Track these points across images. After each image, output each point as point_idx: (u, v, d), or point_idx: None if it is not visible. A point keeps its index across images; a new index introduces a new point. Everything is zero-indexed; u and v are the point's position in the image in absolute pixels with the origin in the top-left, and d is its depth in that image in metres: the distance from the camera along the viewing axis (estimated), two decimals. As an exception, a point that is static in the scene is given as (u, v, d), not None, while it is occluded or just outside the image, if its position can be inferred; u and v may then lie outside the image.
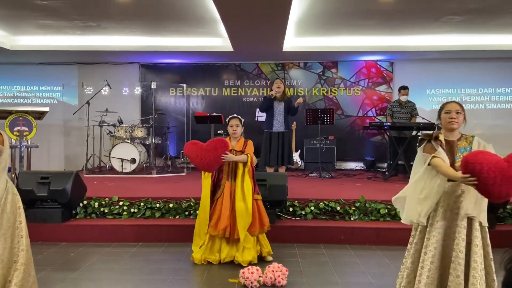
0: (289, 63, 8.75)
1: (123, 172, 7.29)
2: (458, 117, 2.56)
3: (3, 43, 7.18)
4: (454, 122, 2.55)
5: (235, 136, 3.94)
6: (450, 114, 2.56)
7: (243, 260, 3.67)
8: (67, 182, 4.62)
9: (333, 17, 6.12)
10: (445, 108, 2.60)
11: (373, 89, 8.69)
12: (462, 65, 8.39)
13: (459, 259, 2.42)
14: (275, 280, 3.25)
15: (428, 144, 2.58)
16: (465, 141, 2.58)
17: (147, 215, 4.79)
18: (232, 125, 3.93)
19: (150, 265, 3.78)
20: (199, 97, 8.90)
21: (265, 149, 6.38)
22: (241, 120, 3.99)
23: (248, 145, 3.95)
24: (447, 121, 2.57)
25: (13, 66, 8.72)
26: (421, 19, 6.21)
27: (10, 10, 5.84)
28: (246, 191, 3.77)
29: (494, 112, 8.47)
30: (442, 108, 2.63)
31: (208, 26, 6.57)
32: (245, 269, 3.33)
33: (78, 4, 5.55)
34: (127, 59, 8.53)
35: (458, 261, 2.42)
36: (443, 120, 2.60)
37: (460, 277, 2.40)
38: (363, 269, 3.71)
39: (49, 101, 8.85)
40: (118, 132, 7.64)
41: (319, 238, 4.46)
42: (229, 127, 3.96)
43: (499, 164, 2.26)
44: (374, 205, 4.74)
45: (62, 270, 3.66)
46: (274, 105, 6.24)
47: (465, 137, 2.60)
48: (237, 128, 3.92)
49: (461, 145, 2.57)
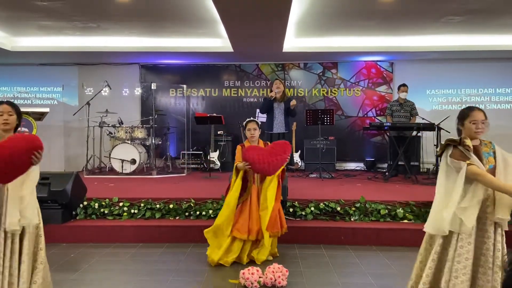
0: (289, 64, 8.76)
1: (123, 173, 7.29)
2: (484, 127, 2.53)
3: (3, 44, 7.18)
4: (480, 133, 2.53)
5: (253, 139, 3.96)
6: (477, 125, 2.51)
7: (258, 258, 3.75)
8: (67, 183, 4.62)
9: (333, 17, 6.12)
10: (471, 117, 2.53)
11: (373, 90, 8.69)
12: (462, 65, 8.39)
13: (489, 263, 2.42)
14: (275, 281, 3.25)
15: (456, 150, 2.49)
16: (486, 147, 2.56)
17: (147, 216, 4.79)
18: (250, 129, 3.95)
19: (150, 266, 3.78)
20: (199, 98, 8.90)
21: None
22: (258, 123, 4.01)
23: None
24: (473, 130, 2.52)
25: (14, 67, 8.73)
26: (421, 19, 6.21)
27: (10, 11, 5.85)
28: (270, 194, 3.75)
29: (495, 113, 8.46)
30: (467, 116, 2.55)
31: (208, 27, 6.58)
32: (245, 270, 3.33)
33: (78, 5, 5.56)
34: (127, 60, 8.54)
35: (489, 265, 2.42)
36: (468, 129, 2.54)
37: (490, 282, 2.40)
38: (364, 269, 3.71)
39: (49, 102, 8.86)
40: (118, 133, 7.64)
41: (320, 239, 4.46)
42: (246, 130, 3.98)
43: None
44: (374, 205, 4.74)
45: (62, 271, 3.66)
46: (274, 106, 6.24)
47: (484, 142, 2.58)
48: (255, 132, 3.94)
49: (484, 150, 2.55)
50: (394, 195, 5.13)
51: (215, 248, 3.79)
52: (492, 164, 2.50)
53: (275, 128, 6.22)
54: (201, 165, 8.19)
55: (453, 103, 8.58)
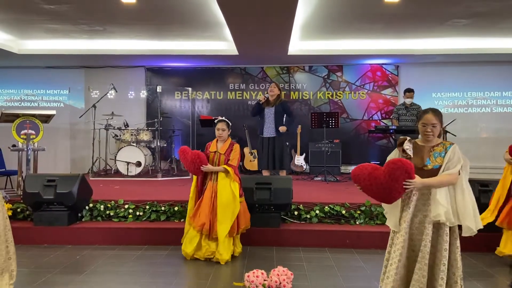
0: (294, 67, 8.76)
1: (128, 175, 7.31)
2: (434, 130, 2.60)
3: (10, 47, 7.25)
4: (429, 135, 2.61)
5: (221, 139, 4.22)
6: (426, 128, 2.61)
7: (222, 259, 3.90)
8: (73, 185, 4.66)
9: (338, 20, 6.12)
10: (422, 120, 2.64)
11: (378, 93, 8.68)
12: (468, 68, 8.35)
13: (425, 259, 2.48)
14: (280, 284, 3.24)
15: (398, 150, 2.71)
16: (442, 147, 2.61)
17: (153, 218, 4.80)
18: (218, 129, 4.21)
19: (155, 268, 3.79)
20: (204, 101, 8.92)
21: (259, 154, 6.37)
22: (228, 124, 4.24)
23: (233, 150, 4.19)
24: (423, 133, 2.64)
25: (20, 70, 8.80)
26: (426, 22, 6.20)
27: (17, 14, 5.90)
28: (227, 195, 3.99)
29: (500, 116, 8.42)
30: (419, 118, 2.67)
31: (213, 30, 6.60)
32: (250, 273, 3.33)
33: (85, 8, 5.59)
34: (133, 63, 8.58)
35: (425, 261, 2.49)
36: (420, 130, 2.66)
37: (425, 278, 2.48)
38: (369, 273, 3.70)
39: (55, 104, 8.91)
40: (124, 135, 7.67)
41: (324, 242, 4.45)
42: (215, 129, 4.23)
43: (373, 174, 2.49)
44: (379, 209, 4.72)
45: (68, 272, 3.68)
46: (265, 110, 6.17)
47: (443, 143, 2.63)
48: (223, 132, 4.20)
49: (437, 150, 2.60)
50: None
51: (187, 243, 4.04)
52: (439, 164, 2.55)
53: (265, 132, 6.16)
54: (206, 168, 8.18)
55: (459, 106, 8.54)
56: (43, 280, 3.47)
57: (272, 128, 6.14)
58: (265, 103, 6.18)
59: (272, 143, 6.13)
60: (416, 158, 2.62)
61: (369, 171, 2.51)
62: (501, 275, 3.73)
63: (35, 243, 4.50)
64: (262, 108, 6.17)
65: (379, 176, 2.46)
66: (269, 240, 4.47)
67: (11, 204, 4.82)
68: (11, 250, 2.85)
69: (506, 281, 3.57)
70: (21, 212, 4.86)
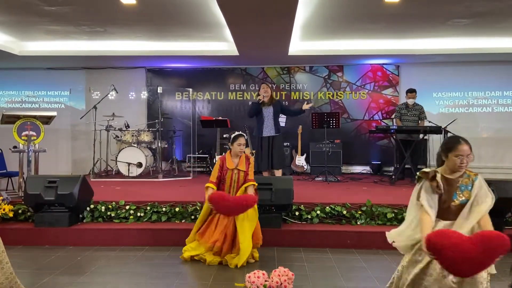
0: (294, 67, 8.76)
1: (129, 176, 7.32)
2: (468, 161, 2.45)
3: (11, 48, 7.26)
4: (464, 167, 2.46)
5: (241, 154, 4.07)
6: (462, 159, 2.43)
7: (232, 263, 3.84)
8: (74, 186, 4.66)
9: (338, 20, 6.12)
10: (457, 151, 2.44)
11: (379, 93, 8.67)
12: (469, 68, 8.34)
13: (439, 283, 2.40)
14: (281, 285, 3.24)
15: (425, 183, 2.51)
16: (467, 179, 2.48)
17: (154, 219, 4.80)
18: (240, 144, 4.02)
19: (156, 269, 3.79)
20: (205, 101, 8.93)
21: (256, 154, 6.36)
22: (246, 137, 4.11)
23: (250, 164, 4.10)
24: (457, 165, 2.45)
25: (21, 71, 8.80)
26: (427, 22, 6.19)
27: (18, 16, 5.91)
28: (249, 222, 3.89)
29: (501, 116, 8.40)
30: (452, 149, 2.46)
31: (213, 31, 6.61)
32: (251, 274, 3.32)
33: (85, 9, 5.60)
34: (133, 64, 8.59)
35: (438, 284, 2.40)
36: (451, 162, 2.46)
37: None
38: (370, 273, 3.69)
39: (56, 105, 8.93)
40: (125, 136, 7.68)
41: (325, 242, 4.45)
42: (236, 145, 4.03)
43: (460, 247, 2.21)
44: (380, 209, 4.72)
45: (69, 274, 3.68)
46: (263, 110, 6.19)
47: (467, 174, 2.50)
48: (243, 147, 4.04)
49: (463, 182, 2.48)
50: (401, 199, 5.08)
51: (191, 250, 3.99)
52: (466, 199, 2.45)
53: (265, 131, 6.18)
54: (207, 168, 8.20)
55: (460, 106, 8.53)
56: (45, 281, 3.47)
57: (272, 127, 6.16)
58: (262, 103, 6.21)
59: (271, 142, 6.15)
60: (445, 193, 2.46)
61: (453, 242, 2.21)
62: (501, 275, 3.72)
63: (36, 244, 4.50)
64: (261, 108, 6.20)
65: (467, 250, 2.17)
66: (270, 241, 4.45)
67: (12, 206, 4.83)
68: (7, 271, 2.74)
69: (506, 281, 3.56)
70: (22, 214, 4.86)
